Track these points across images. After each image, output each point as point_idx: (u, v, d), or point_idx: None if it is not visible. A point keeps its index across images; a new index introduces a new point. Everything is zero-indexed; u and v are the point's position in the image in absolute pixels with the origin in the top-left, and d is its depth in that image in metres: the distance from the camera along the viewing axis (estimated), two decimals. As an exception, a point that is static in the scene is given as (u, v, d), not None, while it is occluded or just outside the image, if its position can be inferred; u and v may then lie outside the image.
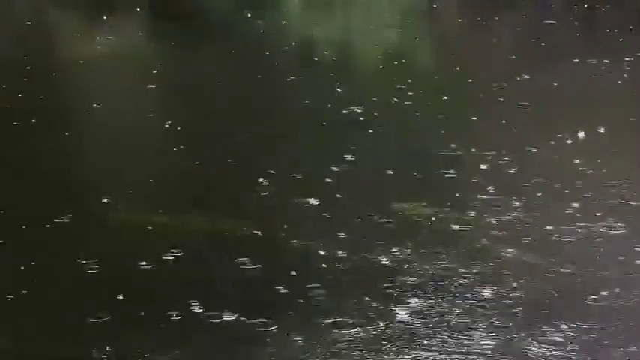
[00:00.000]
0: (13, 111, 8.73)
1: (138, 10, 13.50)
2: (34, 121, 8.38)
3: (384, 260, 5.85)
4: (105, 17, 13.11)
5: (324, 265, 5.78)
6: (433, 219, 6.46)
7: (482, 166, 7.50)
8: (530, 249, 6.03)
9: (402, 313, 5.25)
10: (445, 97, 9.26)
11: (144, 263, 5.71)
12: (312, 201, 6.68)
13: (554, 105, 9.19)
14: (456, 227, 6.33)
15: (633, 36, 12.35)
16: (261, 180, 7.05)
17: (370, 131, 8.28)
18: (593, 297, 5.46)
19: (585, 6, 14.00)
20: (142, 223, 6.29)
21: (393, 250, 5.96)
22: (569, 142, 8.03)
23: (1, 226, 6.25)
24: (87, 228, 6.26)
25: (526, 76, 10.10)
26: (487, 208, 6.65)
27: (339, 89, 9.59)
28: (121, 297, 5.32)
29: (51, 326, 5.08)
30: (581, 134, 8.01)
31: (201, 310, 5.21)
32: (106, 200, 6.63)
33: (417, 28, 13.77)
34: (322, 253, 5.92)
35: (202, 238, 6.13)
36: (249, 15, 13.20)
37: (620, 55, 11.05)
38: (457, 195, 6.88)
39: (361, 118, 8.63)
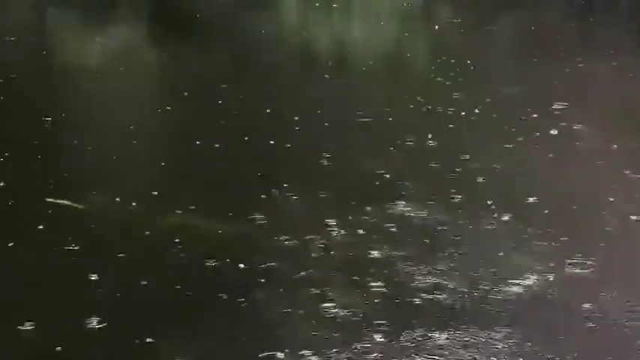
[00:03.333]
0: (13, 111, 8.76)
1: (138, 11, 13.52)
2: (34, 121, 8.41)
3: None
4: (105, 18, 13.13)
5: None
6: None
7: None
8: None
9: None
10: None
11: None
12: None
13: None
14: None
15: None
16: (263, 178, 7.11)
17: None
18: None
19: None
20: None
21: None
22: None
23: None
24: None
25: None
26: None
27: (338, 89, 9.64)
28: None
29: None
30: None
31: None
32: (105, 199, 6.66)
33: (415, 28, 13.80)
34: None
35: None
36: (248, 16, 13.24)
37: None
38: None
39: (362, 120, 8.68)
